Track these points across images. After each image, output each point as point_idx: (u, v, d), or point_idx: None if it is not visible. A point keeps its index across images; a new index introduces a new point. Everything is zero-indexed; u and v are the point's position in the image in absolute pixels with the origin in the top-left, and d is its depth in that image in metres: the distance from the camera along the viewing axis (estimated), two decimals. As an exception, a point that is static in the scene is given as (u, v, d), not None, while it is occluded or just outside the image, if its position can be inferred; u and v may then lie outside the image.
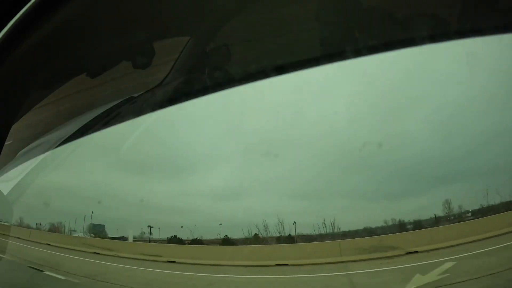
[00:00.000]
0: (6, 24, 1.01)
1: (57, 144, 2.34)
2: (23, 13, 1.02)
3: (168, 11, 1.98)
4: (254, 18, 2.23)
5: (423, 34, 1.63)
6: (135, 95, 2.30)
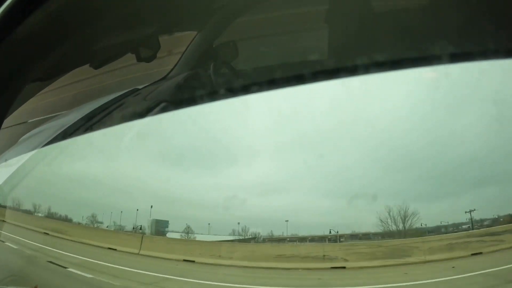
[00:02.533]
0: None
1: (60, 131, 2.34)
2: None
3: (176, 5, 1.94)
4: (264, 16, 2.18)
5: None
6: (140, 87, 2.28)
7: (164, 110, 2.20)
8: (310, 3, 2.08)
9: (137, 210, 2.27)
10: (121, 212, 2.32)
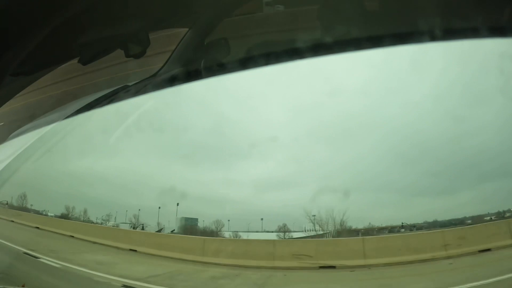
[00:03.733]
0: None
1: (54, 128, 2.33)
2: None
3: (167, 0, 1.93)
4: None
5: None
6: (130, 83, 2.27)
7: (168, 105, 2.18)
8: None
9: (159, 208, 2.22)
10: (139, 210, 2.28)
